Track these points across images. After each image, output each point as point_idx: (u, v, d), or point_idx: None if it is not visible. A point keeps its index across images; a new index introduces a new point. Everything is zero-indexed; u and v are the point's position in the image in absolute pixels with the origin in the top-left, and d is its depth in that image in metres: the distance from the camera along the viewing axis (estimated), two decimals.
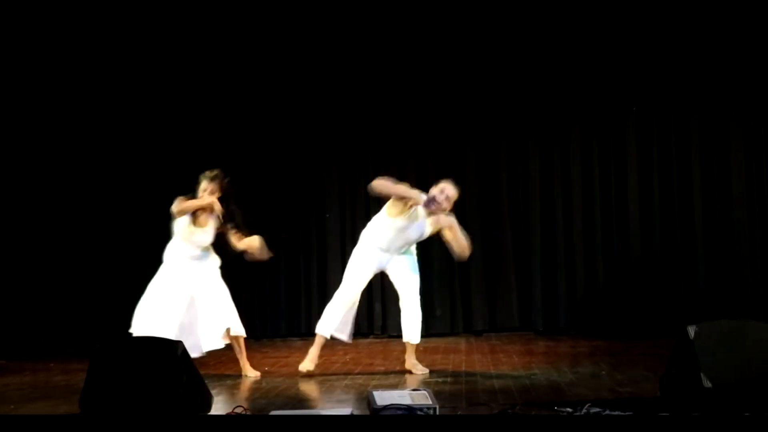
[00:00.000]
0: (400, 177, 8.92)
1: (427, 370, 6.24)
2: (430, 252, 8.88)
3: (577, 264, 8.72)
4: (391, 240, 6.18)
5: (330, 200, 9.02)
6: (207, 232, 6.26)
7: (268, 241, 6.25)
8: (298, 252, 9.03)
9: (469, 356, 7.19)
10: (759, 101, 8.46)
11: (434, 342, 8.12)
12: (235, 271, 7.33)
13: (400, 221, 6.12)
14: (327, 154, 8.95)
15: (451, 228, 6.11)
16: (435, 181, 9.09)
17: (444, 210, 6.09)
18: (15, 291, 8.62)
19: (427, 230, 6.20)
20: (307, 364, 6.23)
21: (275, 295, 9.04)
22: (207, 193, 6.19)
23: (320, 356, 6.34)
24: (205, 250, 6.31)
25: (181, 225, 6.23)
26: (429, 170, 8.90)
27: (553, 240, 8.78)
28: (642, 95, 8.65)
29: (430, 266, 8.85)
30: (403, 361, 6.40)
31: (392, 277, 6.37)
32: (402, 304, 6.34)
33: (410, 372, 6.22)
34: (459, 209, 8.84)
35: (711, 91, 8.54)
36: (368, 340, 8.61)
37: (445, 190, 6.11)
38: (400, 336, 6.48)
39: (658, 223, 8.62)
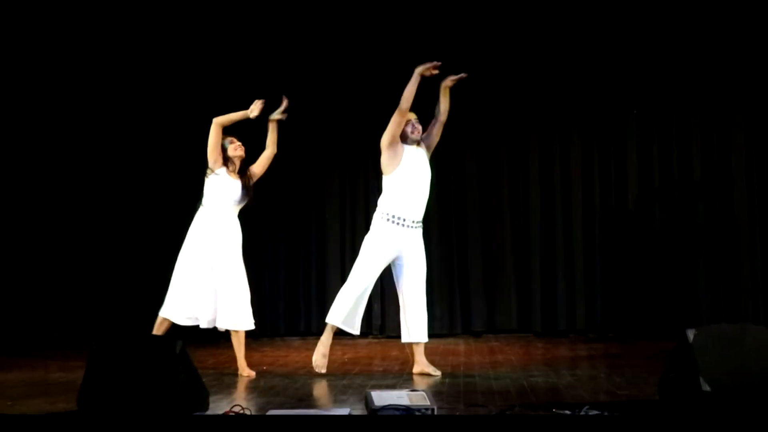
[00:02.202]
0: None
1: (439, 373, 6.03)
2: (429, 253, 8.92)
3: (576, 266, 8.75)
4: (413, 192, 6.07)
5: (330, 199, 9.04)
6: (240, 184, 6.31)
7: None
8: (297, 252, 9.06)
9: (468, 357, 7.20)
10: (760, 102, 8.52)
11: (433, 343, 7.98)
12: None
13: (407, 163, 6.12)
14: (327, 154, 8.95)
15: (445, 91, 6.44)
16: (439, 178, 9.08)
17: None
18: (14, 287, 8.63)
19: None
20: (320, 359, 6.10)
21: (274, 295, 9.05)
22: (236, 146, 6.36)
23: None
24: (233, 218, 6.30)
25: (217, 176, 6.26)
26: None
27: (553, 242, 8.81)
28: (643, 97, 8.69)
29: (429, 267, 8.86)
30: (403, 362, 6.35)
31: (400, 268, 6.11)
32: (407, 299, 6.11)
33: (423, 374, 6.00)
34: (459, 211, 8.94)
35: (712, 93, 8.58)
36: (366, 340, 8.60)
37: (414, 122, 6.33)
38: (398, 337, 6.34)
39: (658, 225, 8.65)
